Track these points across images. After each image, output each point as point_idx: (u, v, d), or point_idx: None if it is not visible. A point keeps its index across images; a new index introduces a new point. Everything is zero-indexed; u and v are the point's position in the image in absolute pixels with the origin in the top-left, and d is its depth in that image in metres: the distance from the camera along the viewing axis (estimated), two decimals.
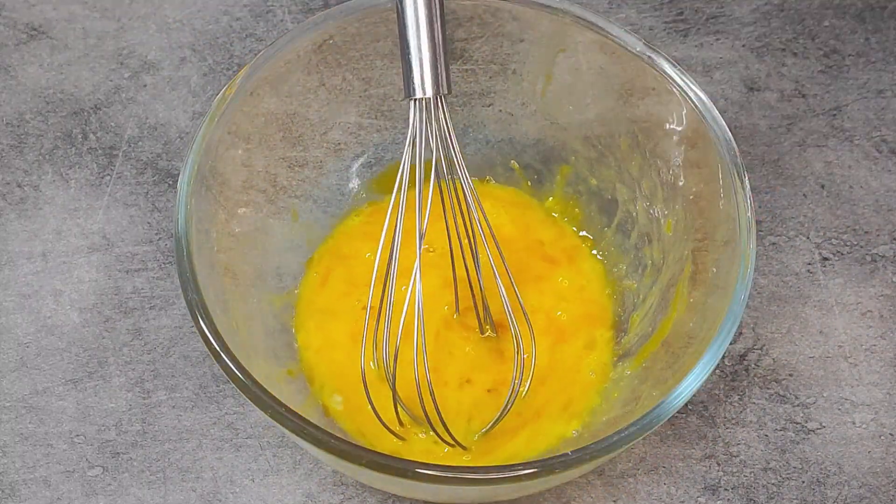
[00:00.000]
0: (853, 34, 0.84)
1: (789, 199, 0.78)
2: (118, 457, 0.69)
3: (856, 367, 0.73)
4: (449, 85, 0.64)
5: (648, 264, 0.71)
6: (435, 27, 0.63)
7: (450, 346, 0.70)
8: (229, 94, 0.67)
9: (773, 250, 0.76)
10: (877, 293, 0.75)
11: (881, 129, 0.81)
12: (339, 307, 0.71)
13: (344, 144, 0.74)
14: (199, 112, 0.80)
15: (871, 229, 0.77)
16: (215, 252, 0.66)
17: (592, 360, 0.70)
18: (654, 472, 0.70)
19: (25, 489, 0.68)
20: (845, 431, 0.71)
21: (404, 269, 0.69)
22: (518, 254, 0.72)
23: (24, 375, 0.71)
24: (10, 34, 0.83)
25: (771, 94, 0.82)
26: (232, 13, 0.84)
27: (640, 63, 0.68)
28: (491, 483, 0.58)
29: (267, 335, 0.68)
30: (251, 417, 0.70)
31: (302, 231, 0.73)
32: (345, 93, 0.72)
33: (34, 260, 0.75)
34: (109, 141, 0.79)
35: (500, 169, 0.75)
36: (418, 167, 0.64)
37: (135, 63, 0.82)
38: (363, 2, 0.69)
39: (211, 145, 0.66)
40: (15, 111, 0.80)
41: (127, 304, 0.74)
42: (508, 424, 0.68)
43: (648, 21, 0.85)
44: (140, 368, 0.72)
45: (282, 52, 0.68)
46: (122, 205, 0.77)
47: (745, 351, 0.73)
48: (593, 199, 0.74)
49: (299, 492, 0.69)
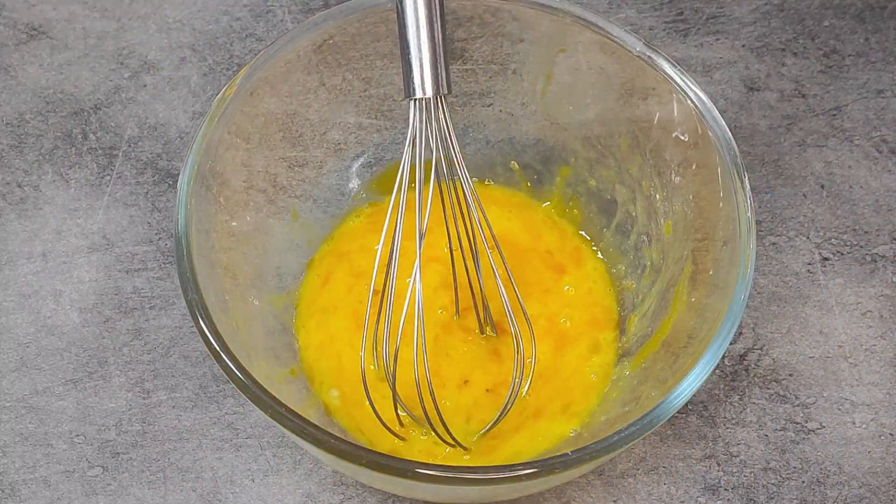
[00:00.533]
0: (853, 34, 0.84)
1: (789, 199, 0.78)
2: (118, 457, 0.69)
3: (856, 367, 0.73)
4: (449, 85, 0.64)
5: (648, 265, 0.71)
6: (435, 27, 0.63)
7: (449, 347, 0.70)
8: (229, 94, 0.67)
9: (773, 250, 0.76)
10: (877, 293, 0.75)
11: (881, 129, 0.81)
12: (341, 303, 0.71)
13: (344, 144, 0.74)
14: (199, 112, 0.80)
15: (871, 229, 0.77)
16: (215, 252, 0.66)
17: (595, 362, 0.70)
18: (654, 472, 0.70)
19: (25, 489, 0.68)
20: (845, 431, 0.71)
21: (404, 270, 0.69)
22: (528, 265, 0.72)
23: (24, 375, 0.71)
24: (10, 34, 0.83)
25: (771, 94, 0.82)
26: (232, 13, 0.84)
27: (640, 63, 0.68)
28: (491, 483, 0.58)
29: (267, 335, 0.68)
30: (251, 417, 0.70)
31: (302, 231, 0.73)
32: (345, 93, 0.72)
33: (34, 260, 0.75)
34: (109, 141, 0.79)
35: (499, 169, 0.75)
36: (418, 167, 0.64)
37: (135, 63, 0.82)
38: (363, 2, 0.69)
39: (211, 145, 0.66)
40: (15, 111, 0.80)
41: (127, 304, 0.74)
42: (508, 424, 0.68)
43: (648, 21, 0.85)
44: (140, 368, 0.72)
45: (282, 52, 0.68)
46: (122, 205, 0.77)
47: (745, 351, 0.73)
48: (593, 199, 0.74)
49: (299, 492, 0.69)
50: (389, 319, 0.66)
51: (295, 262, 0.72)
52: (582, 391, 0.69)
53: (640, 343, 0.69)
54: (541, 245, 0.74)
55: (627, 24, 0.84)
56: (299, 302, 0.72)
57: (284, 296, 0.71)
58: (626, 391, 0.67)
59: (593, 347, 0.70)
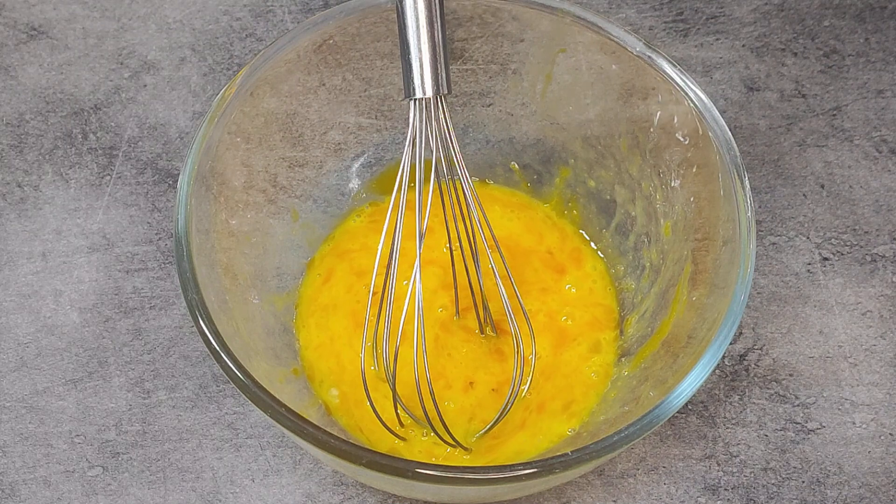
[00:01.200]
0: (853, 34, 0.84)
1: (789, 199, 0.78)
2: (118, 457, 0.69)
3: (856, 367, 0.73)
4: (449, 85, 0.64)
5: (647, 265, 0.71)
6: (435, 27, 0.63)
7: (450, 348, 0.70)
8: (229, 94, 0.67)
9: (773, 250, 0.76)
10: (877, 293, 0.75)
11: (881, 129, 0.81)
12: (341, 302, 0.71)
13: (344, 144, 0.74)
14: (199, 112, 0.80)
15: (871, 229, 0.77)
16: (215, 252, 0.66)
17: (595, 362, 0.70)
18: (654, 472, 0.70)
19: (25, 489, 0.68)
20: (845, 431, 0.71)
21: (404, 270, 0.69)
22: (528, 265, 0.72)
23: (24, 375, 0.71)
24: (10, 34, 0.83)
25: (771, 94, 0.82)
26: (232, 13, 0.84)
27: (640, 63, 0.68)
28: (491, 483, 0.58)
29: (267, 335, 0.69)
30: (251, 417, 0.70)
31: (302, 231, 0.73)
32: (345, 93, 0.72)
33: (34, 260, 0.75)
34: (109, 141, 0.79)
35: (499, 169, 0.75)
36: (418, 167, 0.64)
37: (135, 63, 0.82)
38: (363, 2, 0.69)
39: (211, 145, 0.66)
40: (15, 111, 0.80)
41: (127, 304, 0.74)
42: (510, 423, 0.68)
43: (648, 21, 0.85)
44: (140, 368, 0.72)
45: (282, 52, 0.68)
46: (122, 205, 0.77)
47: (745, 351, 0.73)
48: (592, 200, 0.74)
49: (299, 492, 0.69)
50: (389, 319, 0.66)
51: (295, 261, 0.72)
52: (582, 390, 0.69)
53: (640, 343, 0.69)
54: (541, 245, 0.74)
55: (627, 24, 0.84)
56: (300, 301, 0.72)
57: (285, 296, 0.71)
58: (626, 391, 0.67)
59: (594, 347, 0.70)
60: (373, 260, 0.67)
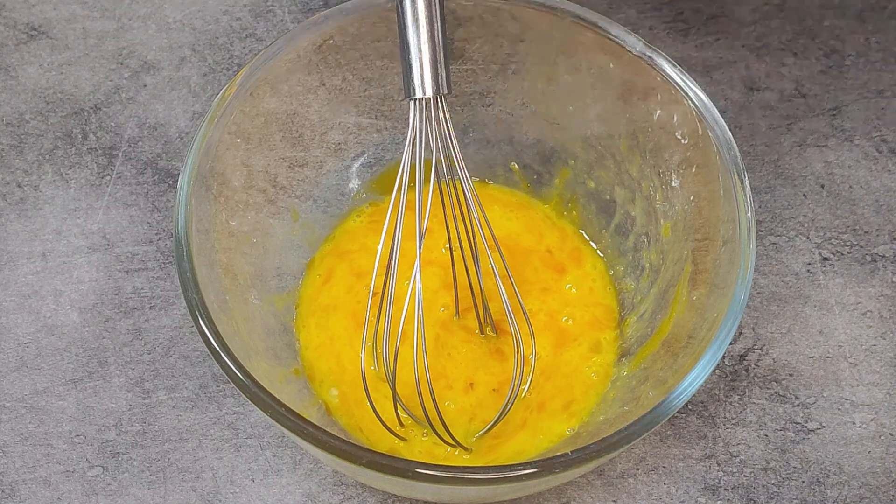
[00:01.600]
0: (853, 34, 0.84)
1: (789, 199, 0.78)
2: (118, 457, 0.69)
3: (856, 367, 0.73)
4: (449, 85, 0.64)
5: (647, 266, 0.71)
6: (435, 27, 0.63)
7: (450, 348, 0.70)
8: (229, 94, 0.67)
9: (773, 250, 0.76)
10: (877, 293, 0.75)
11: (881, 129, 0.81)
12: (341, 302, 0.71)
13: (344, 144, 0.74)
14: (199, 112, 0.80)
15: (871, 229, 0.77)
16: (215, 252, 0.66)
17: (596, 361, 0.70)
18: (654, 472, 0.70)
19: (25, 489, 0.68)
20: (845, 431, 0.71)
21: (404, 270, 0.69)
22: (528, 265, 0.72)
23: (24, 375, 0.71)
24: (10, 34, 0.83)
25: (771, 94, 0.82)
26: (232, 13, 0.84)
27: (640, 63, 0.68)
28: (491, 483, 0.58)
29: (267, 335, 0.69)
30: (251, 417, 0.70)
31: (302, 231, 0.73)
32: (345, 93, 0.72)
33: (34, 260, 0.75)
34: (109, 141, 0.79)
35: (499, 169, 0.75)
36: (418, 167, 0.64)
37: (135, 63, 0.82)
38: (363, 2, 0.69)
39: (211, 145, 0.66)
40: (15, 111, 0.80)
41: (127, 304, 0.74)
42: (511, 422, 0.68)
43: (648, 21, 0.85)
44: (140, 368, 0.72)
45: (282, 52, 0.68)
46: (122, 205, 0.77)
47: (745, 351, 0.73)
48: (592, 200, 0.74)
49: (299, 492, 0.69)
50: (389, 319, 0.66)
51: (295, 261, 0.72)
52: (582, 390, 0.69)
53: (640, 343, 0.69)
54: (541, 245, 0.74)
55: (627, 24, 0.84)
56: (300, 302, 0.72)
57: (285, 296, 0.71)
58: (626, 391, 0.67)
59: (594, 347, 0.70)
60: (373, 260, 0.67)
